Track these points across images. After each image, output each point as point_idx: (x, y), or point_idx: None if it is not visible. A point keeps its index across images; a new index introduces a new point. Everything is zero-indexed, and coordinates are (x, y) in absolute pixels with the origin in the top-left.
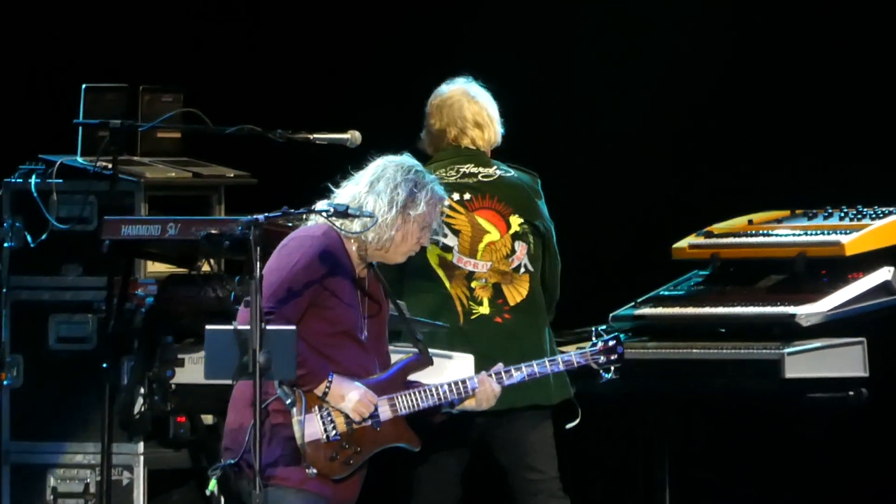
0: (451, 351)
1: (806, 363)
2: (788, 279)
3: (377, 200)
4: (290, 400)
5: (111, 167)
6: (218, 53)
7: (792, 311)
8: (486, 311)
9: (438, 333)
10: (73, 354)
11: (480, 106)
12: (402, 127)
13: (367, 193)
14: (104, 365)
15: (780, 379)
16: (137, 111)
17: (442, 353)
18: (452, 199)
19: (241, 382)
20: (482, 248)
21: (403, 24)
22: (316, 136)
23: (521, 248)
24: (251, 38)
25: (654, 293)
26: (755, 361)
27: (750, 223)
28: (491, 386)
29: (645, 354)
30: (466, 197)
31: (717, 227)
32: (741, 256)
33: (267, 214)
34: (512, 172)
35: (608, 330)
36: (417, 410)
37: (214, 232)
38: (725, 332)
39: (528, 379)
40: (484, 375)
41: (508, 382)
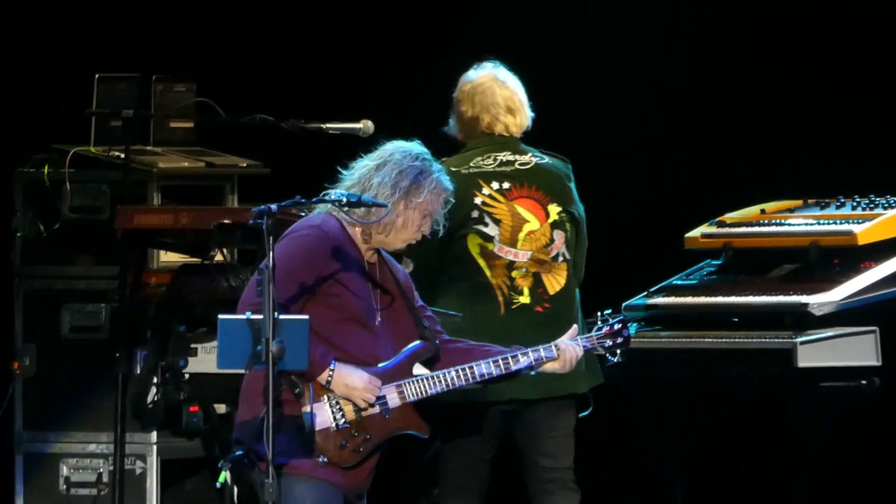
0: (489, 341)
1: (818, 352)
2: (801, 268)
3: (381, 183)
4: (298, 389)
5: (124, 157)
6: (230, 43)
7: (804, 300)
8: (526, 300)
9: (479, 323)
10: (85, 344)
11: (511, 91)
12: (414, 116)
13: (372, 176)
14: (117, 354)
15: (792, 368)
16: (150, 101)
17: None
18: (492, 188)
19: (249, 374)
20: (522, 237)
21: (417, 12)
22: (328, 125)
23: (559, 236)
24: (264, 27)
25: (666, 282)
26: (768, 351)
27: (762, 213)
28: (576, 349)
29: (657, 344)
30: (506, 186)
31: (729, 216)
32: (754, 246)
33: (279, 204)
34: (546, 159)
35: (613, 314)
36: (425, 397)
37: (227, 221)
38: (738, 321)
39: (534, 364)
40: (564, 339)
41: (515, 368)
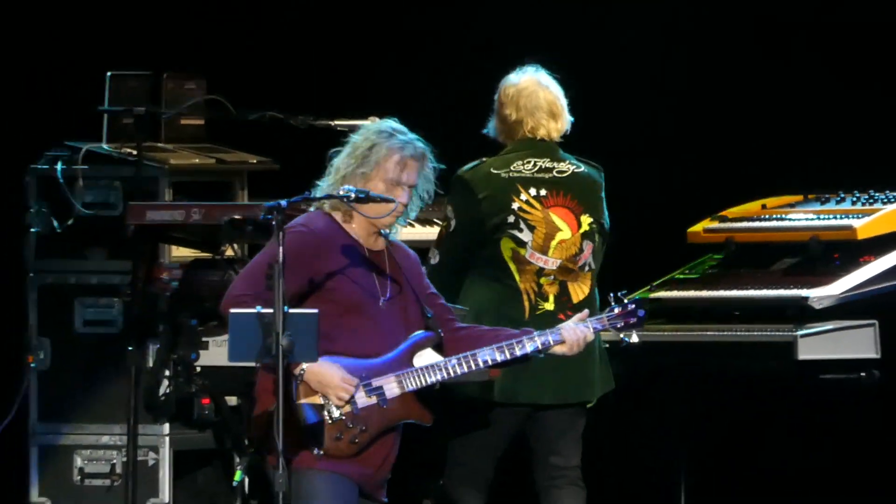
0: None
1: (819, 345)
2: (801, 262)
3: (339, 164)
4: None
5: (136, 153)
6: (240, 40)
7: (805, 293)
8: (551, 307)
9: (503, 325)
10: (99, 337)
11: (554, 95)
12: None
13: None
14: (129, 347)
15: (793, 361)
16: (161, 98)
17: None
18: (529, 193)
19: (260, 374)
20: (554, 245)
21: (426, 10)
22: (337, 122)
23: (588, 247)
24: (273, 24)
25: (669, 276)
26: (769, 343)
27: (764, 207)
28: (582, 331)
29: (660, 337)
30: (542, 193)
31: (731, 211)
32: (755, 240)
33: (289, 199)
34: (582, 167)
35: (627, 294)
36: (425, 386)
37: (238, 217)
38: (739, 314)
39: (541, 348)
40: (568, 323)
41: (521, 353)
